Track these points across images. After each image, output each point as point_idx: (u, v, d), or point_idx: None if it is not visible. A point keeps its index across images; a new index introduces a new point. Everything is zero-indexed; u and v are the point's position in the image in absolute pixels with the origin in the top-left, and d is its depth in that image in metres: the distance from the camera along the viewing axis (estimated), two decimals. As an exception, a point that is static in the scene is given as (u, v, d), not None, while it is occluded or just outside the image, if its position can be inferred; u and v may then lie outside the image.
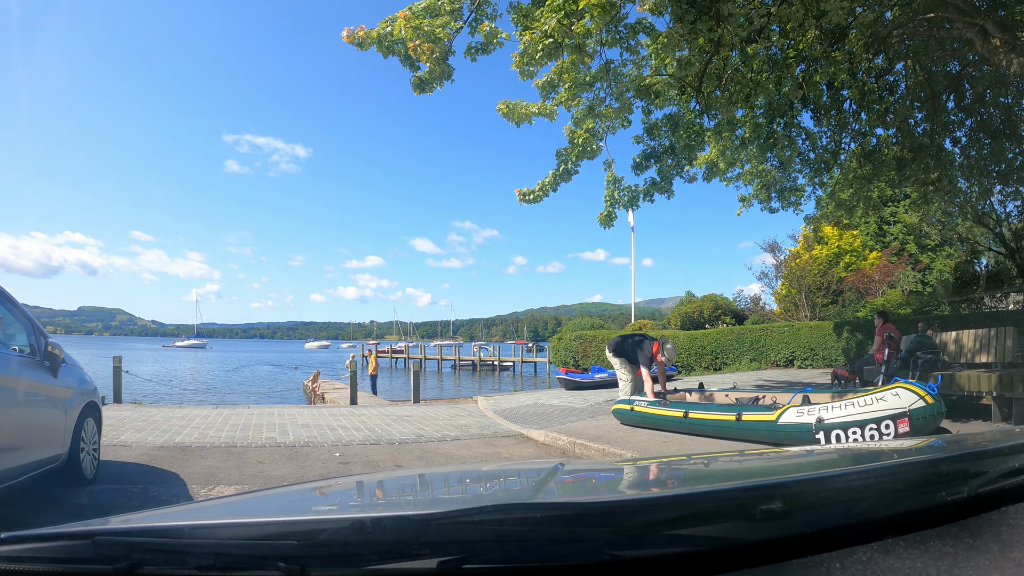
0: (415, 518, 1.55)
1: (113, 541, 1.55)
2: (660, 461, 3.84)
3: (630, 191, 14.44)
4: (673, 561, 1.51)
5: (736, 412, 10.97)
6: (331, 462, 9.88)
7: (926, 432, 9.22)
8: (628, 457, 9.86)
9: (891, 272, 42.31)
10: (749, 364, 32.47)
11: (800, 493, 1.69)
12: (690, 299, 58.24)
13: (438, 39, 11.77)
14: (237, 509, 2.43)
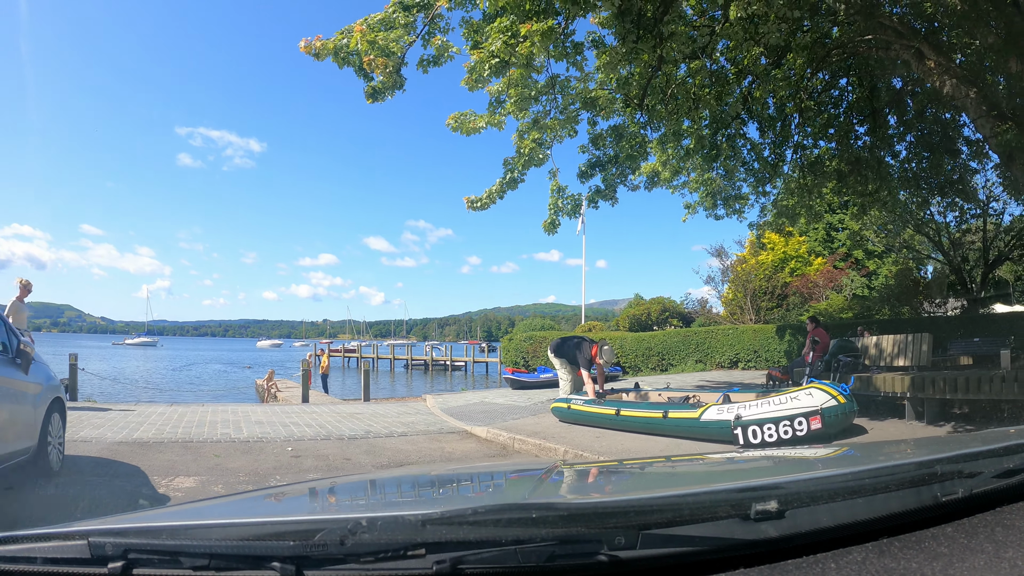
0: (411, 518, 1.58)
1: (108, 541, 1.59)
2: (654, 462, 4.07)
3: (573, 200, 14.86)
4: (669, 561, 1.58)
5: (663, 410, 11.61)
6: (284, 456, 10.24)
7: (837, 428, 10.02)
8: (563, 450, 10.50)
9: (835, 278, 43.28)
10: (694, 365, 33.06)
11: (795, 494, 1.76)
12: (639, 301, 58.68)
13: (392, 53, 12.16)
14: (232, 509, 2.53)
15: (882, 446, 5.21)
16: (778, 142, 18.90)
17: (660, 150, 17.37)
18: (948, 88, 14.57)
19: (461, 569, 1.47)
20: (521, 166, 14.23)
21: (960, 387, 10.81)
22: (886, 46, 15.61)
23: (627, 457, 9.63)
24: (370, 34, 12.07)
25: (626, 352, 34.80)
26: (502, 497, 2.64)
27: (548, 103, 14.12)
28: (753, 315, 40.74)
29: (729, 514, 1.65)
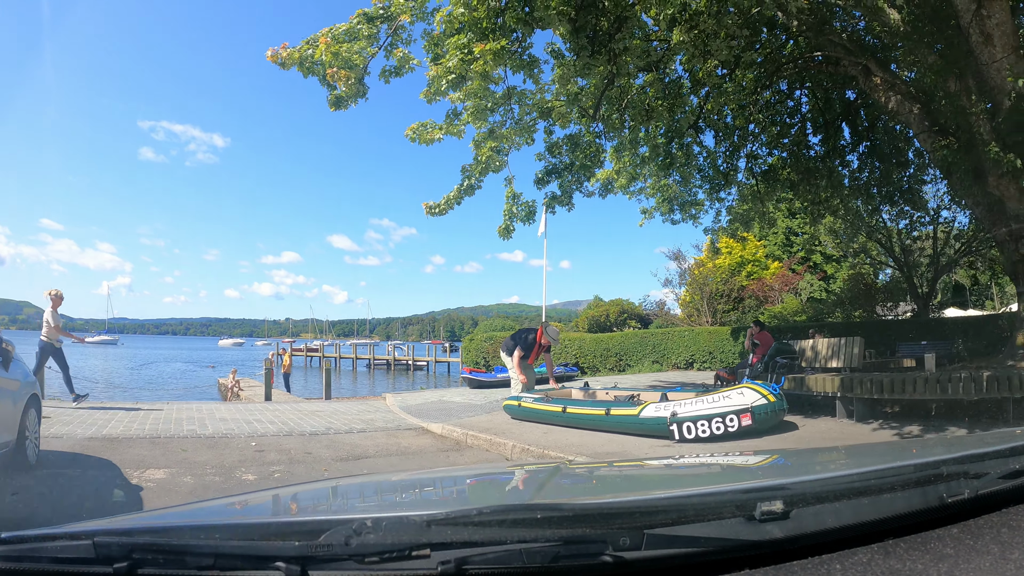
0: (415, 519, 1.60)
1: (114, 541, 1.62)
2: (657, 462, 4.17)
3: (527, 206, 15.24)
4: (674, 562, 1.59)
5: (606, 407, 12.21)
6: (248, 450, 10.61)
7: (767, 425, 10.73)
8: (511, 445, 11.00)
9: (790, 281, 44.06)
10: (651, 366, 33.71)
11: (801, 494, 1.77)
12: (598, 303, 59.07)
13: (355, 65, 12.54)
14: (237, 510, 2.60)
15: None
16: (731, 151, 19.44)
17: (616, 158, 17.90)
18: (893, 104, 15.17)
19: (466, 569, 1.50)
20: (479, 173, 14.62)
21: (886, 388, 11.46)
22: (836, 62, 16.17)
23: (571, 451, 10.20)
24: (334, 46, 12.47)
25: (585, 353, 35.44)
26: (506, 498, 2.71)
27: (505, 114, 14.47)
28: (709, 317, 41.42)
29: (734, 515, 1.68)
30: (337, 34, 12.82)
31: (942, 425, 10.95)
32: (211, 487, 8.16)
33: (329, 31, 12.96)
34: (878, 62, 15.47)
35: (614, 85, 14.21)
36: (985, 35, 12.78)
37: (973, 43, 13.00)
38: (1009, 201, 13.85)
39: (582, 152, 16.41)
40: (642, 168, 18.51)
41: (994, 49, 12.82)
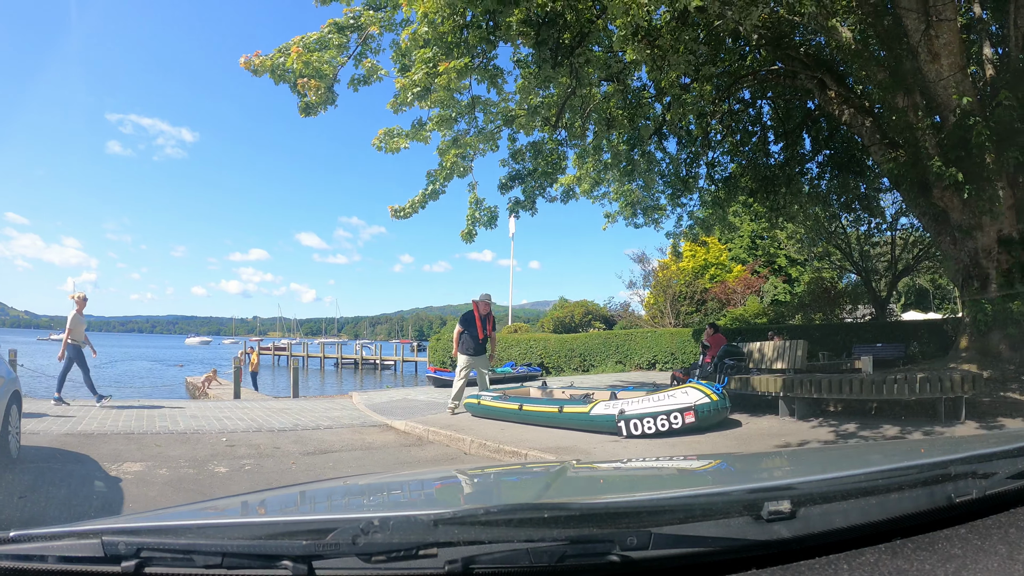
0: (423, 518, 1.62)
1: (121, 540, 1.63)
2: (662, 462, 4.08)
3: (490, 212, 15.63)
4: (681, 562, 1.59)
5: (559, 405, 12.84)
6: (219, 445, 10.98)
7: (710, 422, 11.42)
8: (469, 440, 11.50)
9: (753, 284, 44.74)
10: (614, 366, 34.06)
11: (808, 494, 1.77)
12: (563, 304, 59.20)
13: (324, 75, 12.90)
14: (244, 508, 2.66)
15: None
16: (691, 159, 20.00)
17: (580, 164, 18.37)
18: (846, 117, 15.71)
19: (473, 569, 1.51)
20: (443, 179, 15.00)
21: (825, 388, 12.13)
22: (793, 75, 16.61)
23: (526, 446, 10.71)
24: (305, 55, 12.75)
25: (550, 353, 35.75)
26: (513, 497, 2.74)
27: (470, 122, 14.86)
28: (673, 319, 41.94)
29: (741, 515, 1.69)
30: (308, 43, 13.13)
31: (878, 423, 11.52)
32: (185, 479, 8.51)
33: (301, 39, 13.25)
34: (833, 76, 16.06)
35: (576, 95, 14.65)
36: (933, 54, 13.34)
37: (921, 61, 13.55)
38: (952, 212, 14.46)
39: (544, 159, 16.86)
40: (605, 174, 18.92)
41: (941, 67, 13.40)
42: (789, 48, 16.13)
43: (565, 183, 18.85)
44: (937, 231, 15.87)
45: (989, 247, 14.55)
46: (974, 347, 15.04)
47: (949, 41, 13.27)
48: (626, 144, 17.79)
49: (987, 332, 14.71)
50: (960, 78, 13.56)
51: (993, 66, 14.75)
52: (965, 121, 13.16)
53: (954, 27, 13.25)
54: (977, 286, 14.87)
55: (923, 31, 13.19)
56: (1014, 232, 14.46)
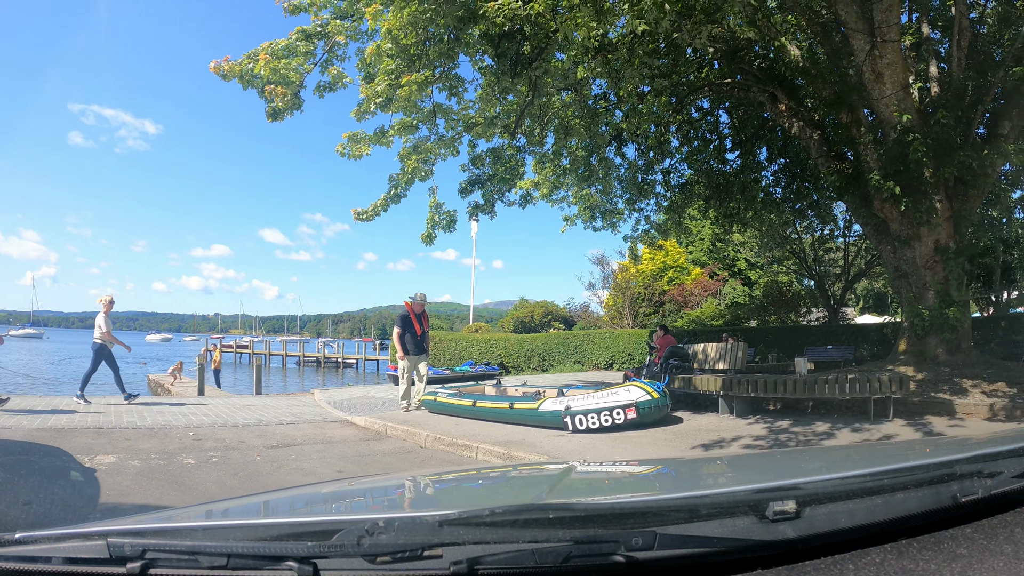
0: (428, 519, 1.63)
1: (126, 542, 1.64)
2: (671, 462, 4.16)
3: (449, 215, 16.03)
4: (686, 562, 1.58)
5: (510, 402, 13.54)
6: (187, 439, 11.34)
7: (651, 419, 12.14)
8: (425, 435, 12.02)
9: (710, 287, 45.44)
10: (573, 366, 34.59)
11: (813, 494, 1.76)
12: (524, 304, 59.91)
13: (291, 82, 13.28)
14: (249, 510, 2.65)
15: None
16: (647, 166, 20.43)
17: (539, 168, 18.86)
18: (796, 129, 16.25)
19: (478, 569, 1.51)
20: (404, 183, 15.35)
21: (761, 388, 12.91)
22: (747, 88, 17.15)
23: (478, 440, 11.21)
24: (273, 62, 13.11)
25: (509, 353, 36.13)
26: (518, 498, 2.69)
27: (431, 129, 15.26)
28: (631, 320, 42.50)
29: (746, 515, 1.68)
30: (276, 49, 13.51)
31: (811, 421, 12.20)
32: (156, 469, 8.87)
33: (269, 45, 13.65)
34: (785, 90, 16.62)
35: (534, 104, 15.15)
36: (877, 73, 13.95)
37: (866, 80, 14.16)
38: (891, 223, 15.08)
39: (503, 165, 17.34)
40: (564, 178, 19.47)
41: (884, 86, 14.01)
42: (743, 62, 16.65)
43: (524, 187, 19.26)
44: (878, 240, 16.51)
45: (927, 256, 15.20)
46: (912, 351, 15.73)
47: (892, 61, 13.90)
48: (584, 151, 18.23)
49: (924, 337, 15.38)
50: (902, 96, 14.22)
51: (938, 84, 15.35)
52: (904, 138, 13.85)
53: (897, 48, 13.91)
54: (915, 293, 15.53)
55: (868, 51, 13.85)
56: (951, 242, 15.12)
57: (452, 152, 16.10)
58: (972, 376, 13.89)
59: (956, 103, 14.41)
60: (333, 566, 1.55)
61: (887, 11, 13.41)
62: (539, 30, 12.72)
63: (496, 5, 11.51)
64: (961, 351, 15.32)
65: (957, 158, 14.07)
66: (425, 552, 1.53)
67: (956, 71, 14.74)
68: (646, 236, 23.47)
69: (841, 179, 15.64)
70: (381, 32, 12.38)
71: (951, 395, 12.84)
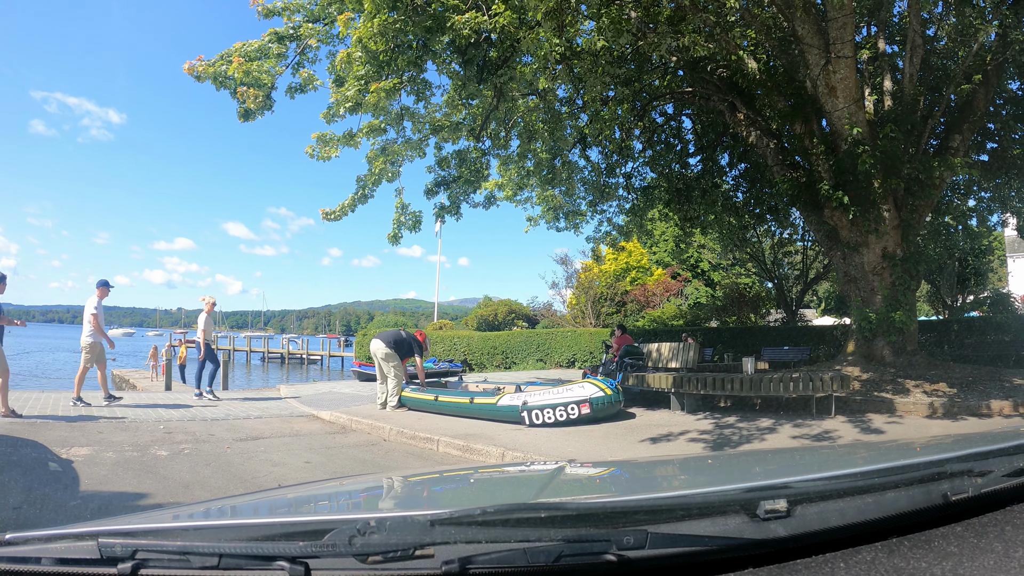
0: (420, 519, 1.63)
1: (118, 542, 1.65)
2: (661, 461, 4.20)
3: (414, 216, 16.20)
4: (677, 561, 1.60)
5: (470, 396, 14.11)
6: (158, 432, 11.62)
7: (604, 414, 12.71)
8: (388, 428, 12.48)
9: (672, 288, 45.97)
10: (535, 364, 34.89)
11: (804, 493, 1.78)
12: (487, 302, 60.10)
13: (263, 84, 13.56)
14: (240, 510, 2.66)
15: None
16: (609, 169, 20.91)
17: (503, 170, 19.21)
18: (753, 138, 16.77)
19: (469, 569, 1.51)
20: (372, 184, 15.56)
21: (710, 385, 13.53)
22: (707, 97, 17.68)
23: (439, 433, 11.68)
24: (246, 64, 13.36)
25: (473, 350, 36.36)
26: (510, 497, 2.70)
27: (399, 131, 15.46)
28: (593, 319, 42.88)
29: (738, 513, 1.69)
30: (249, 51, 13.78)
31: (757, 417, 12.78)
32: (131, 460, 9.16)
33: (242, 46, 13.93)
34: (743, 100, 17.12)
35: (499, 108, 15.53)
36: (830, 87, 14.47)
37: (820, 93, 14.68)
38: (841, 230, 15.62)
39: (468, 167, 17.63)
40: (528, 180, 19.82)
41: (837, 100, 14.53)
42: (704, 72, 17.15)
43: (489, 188, 19.56)
44: (829, 246, 17.10)
45: (874, 263, 15.77)
46: (859, 352, 16.33)
47: (845, 76, 14.39)
48: (548, 153, 18.62)
49: (871, 339, 15.98)
50: (854, 110, 14.73)
51: (892, 97, 15.93)
52: (854, 150, 14.38)
53: (851, 64, 14.37)
54: (863, 297, 16.09)
55: (823, 66, 14.33)
56: (898, 250, 15.68)
57: (419, 154, 16.28)
58: (915, 377, 14.47)
59: (907, 117, 14.97)
60: (324, 566, 1.57)
61: (841, 28, 13.86)
62: (505, 38, 13.09)
63: (463, 19, 11.95)
64: (907, 352, 15.85)
65: (904, 170, 14.69)
66: (417, 552, 1.54)
67: (908, 86, 15.25)
68: (608, 237, 23.79)
69: (794, 187, 16.15)
70: (352, 40, 12.70)
71: (893, 394, 13.40)
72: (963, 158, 15.32)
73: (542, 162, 18.81)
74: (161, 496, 7.31)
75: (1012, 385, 13.77)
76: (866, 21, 17.44)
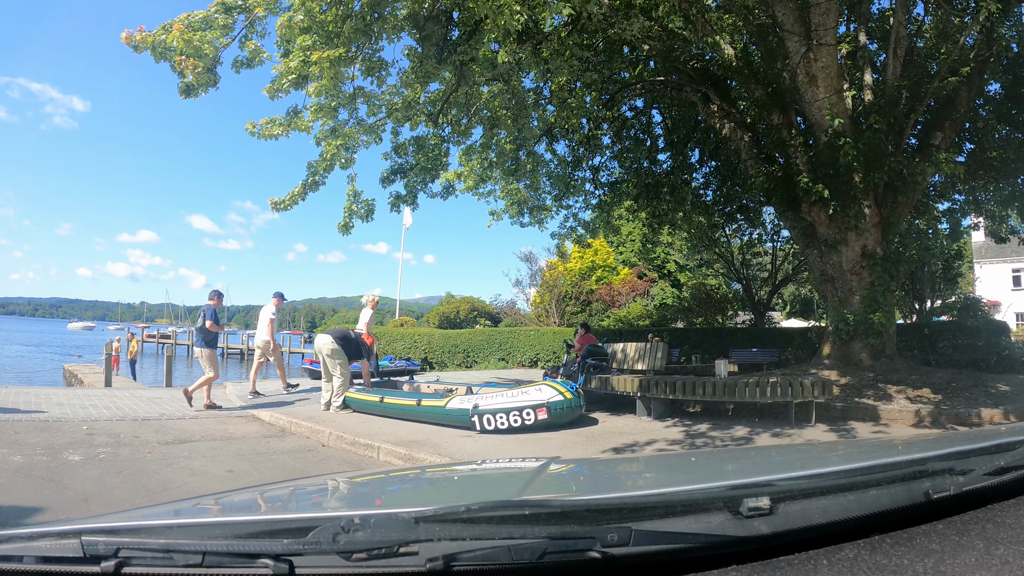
0: (404, 516, 1.61)
1: (101, 540, 1.63)
2: (646, 459, 4.25)
3: (367, 204, 15.48)
4: (661, 558, 1.60)
5: (417, 398, 13.10)
6: (79, 433, 10.85)
7: (564, 420, 11.71)
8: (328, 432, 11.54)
9: (638, 287, 45.58)
10: (497, 363, 34.45)
11: (787, 491, 1.80)
12: (449, 300, 59.55)
13: (204, 55, 12.68)
14: (225, 507, 2.64)
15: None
16: (575, 162, 20.35)
17: (465, 160, 18.46)
18: (727, 130, 16.18)
19: (454, 566, 1.51)
20: (323, 170, 14.71)
21: (680, 389, 12.56)
22: (679, 87, 17.08)
23: (381, 439, 10.68)
24: (188, 33, 12.40)
25: (434, 349, 35.83)
26: (494, 494, 2.71)
27: (351, 112, 14.76)
28: (557, 318, 42.55)
29: (721, 511, 1.70)
30: (193, 21, 12.73)
31: (731, 424, 11.94)
32: (37, 466, 8.48)
33: (187, 17, 12.90)
34: (718, 91, 16.56)
35: (458, 91, 14.72)
36: (811, 76, 13.92)
37: (800, 82, 14.12)
38: (819, 227, 15.04)
39: (426, 155, 16.90)
40: (491, 172, 19.06)
41: (818, 89, 13.97)
42: (677, 61, 16.52)
43: (449, 178, 18.81)
44: (805, 244, 16.53)
45: (853, 261, 15.21)
46: (836, 355, 15.73)
47: (827, 65, 13.86)
48: (512, 144, 17.90)
49: (849, 341, 15.39)
50: (835, 101, 14.20)
51: (872, 92, 15.34)
52: (835, 141, 13.84)
53: (833, 52, 13.87)
54: (841, 297, 15.52)
55: (803, 54, 13.78)
56: (878, 248, 15.16)
57: (375, 139, 15.48)
58: (896, 382, 13.88)
59: (890, 110, 14.44)
60: (309, 563, 1.55)
61: (824, 14, 13.38)
62: (468, 15, 12.43)
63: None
64: (885, 356, 15.34)
65: (888, 164, 14.15)
66: (401, 549, 1.53)
67: (891, 79, 14.79)
68: (573, 233, 23.22)
69: (769, 181, 15.66)
70: (295, 3, 11.89)
71: (875, 400, 12.78)
72: (947, 155, 14.74)
73: (505, 153, 17.99)
74: (55, 511, 6.65)
75: (998, 392, 13.17)
76: (846, 17, 17.06)
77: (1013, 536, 1.71)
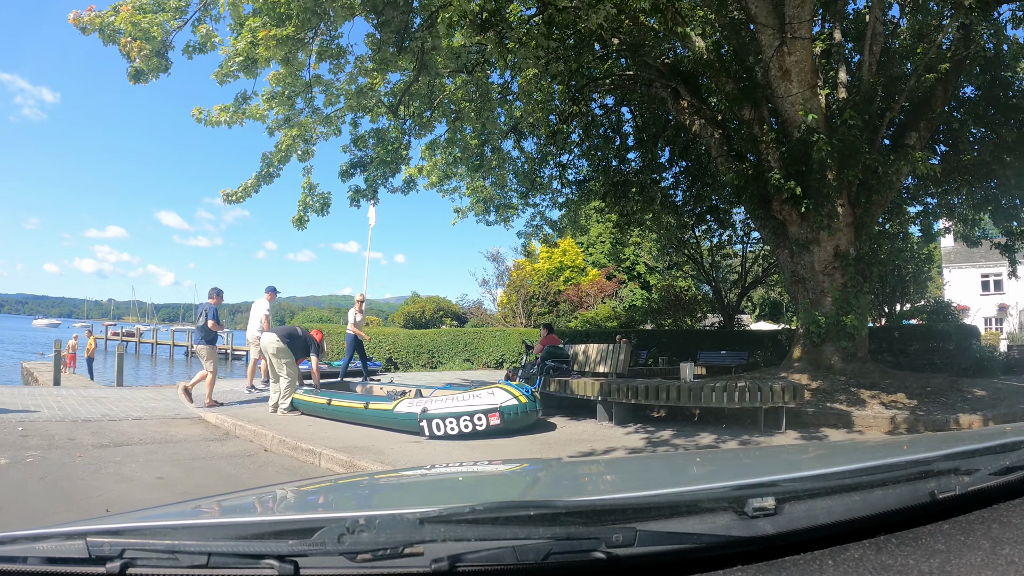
0: (409, 517, 1.61)
1: (106, 541, 1.62)
2: (649, 459, 4.25)
3: (322, 198, 15.14)
4: (666, 559, 1.59)
5: (365, 401, 12.59)
6: (12, 435, 10.45)
7: (518, 425, 11.20)
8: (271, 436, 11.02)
9: (606, 288, 45.39)
10: (463, 364, 34.16)
11: (792, 491, 1.79)
12: (415, 299, 59.67)
13: (153, 37, 12.14)
14: (230, 508, 2.61)
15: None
16: (542, 160, 20.07)
17: (429, 155, 18.05)
18: (697, 127, 15.92)
19: (459, 567, 1.50)
20: (278, 161, 14.38)
21: (642, 394, 12.06)
22: (649, 83, 16.76)
23: (324, 444, 10.18)
24: (136, 15, 12.00)
25: (398, 349, 35.41)
26: (499, 495, 2.70)
27: (308, 101, 14.33)
28: (524, 319, 42.38)
29: (726, 511, 1.70)
30: (144, 2, 12.34)
31: (696, 431, 11.53)
32: None
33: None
34: (688, 87, 16.27)
35: (419, 81, 14.29)
36: (784, 70, 13.63)
37: (772, 77, 13.84)
38: (791, 226, 14.76)
39: (385, 148, 16.49)
40: (455, 168, 18.79)
41: (791, 84, 13.70)
42: (647, 56, 16.16)
43: (411, 173, 18.54)
44: (776, 244, 16.27)
45: (825, 262, 14.95)
46: (807, 358, 15.44)
47: (801, 59, 13.58)
48: (477, 139, 17.65)
49: (820, 344, 15.12)
50: (809, 96, 13.94)
51: (847, 90, 15.14)
52: (808, 137, 13.58)
53: (807, 46, 13.58)
54: (812, 299, 15.24)
55: (776, 47, 13.49)
56: (851, 248, 14.93)
57: (334, 131, 15.23)
58: (869, 386, 13.62)
59: (865, 106, 14.19)
60: (314, 564, 1.52)
61: (799, 7, 13.08)
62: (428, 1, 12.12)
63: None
64: (857, 360, 15.10)
65: (863, 161, 13.89)
66: (406, 550, 1.51)
67: (867, 75, 14.58)
68: (540, 232, 22.90)
69: (740, 178, 15.42)
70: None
71: (848, 406, 12.46)
72: (923, 154, 14.51)
73: (470, 148, 17.68)
74: (-40, 522, 6.11)
75: (975, 396, 12.97)
76: (821, 15, 16.79)
77: (1019, 536, 1.70)
